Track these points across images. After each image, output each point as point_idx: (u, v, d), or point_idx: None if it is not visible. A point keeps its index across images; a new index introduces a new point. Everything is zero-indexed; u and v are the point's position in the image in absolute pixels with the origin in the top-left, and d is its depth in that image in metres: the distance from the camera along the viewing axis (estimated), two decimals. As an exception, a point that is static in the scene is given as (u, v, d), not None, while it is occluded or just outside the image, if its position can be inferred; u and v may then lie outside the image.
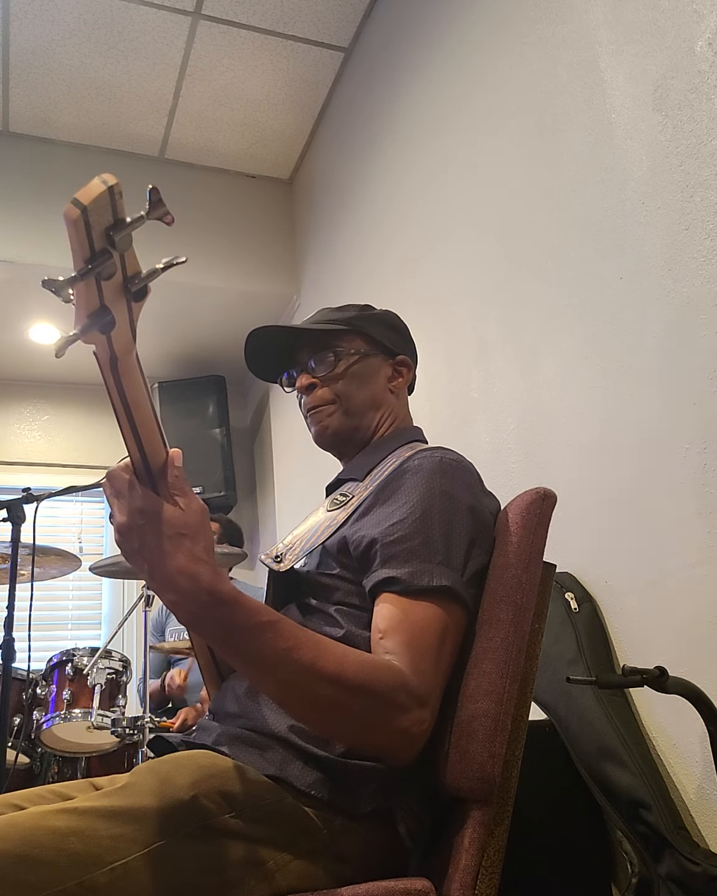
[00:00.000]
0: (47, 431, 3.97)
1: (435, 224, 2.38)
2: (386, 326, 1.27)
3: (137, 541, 0.76)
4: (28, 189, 3.23)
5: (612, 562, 1.57)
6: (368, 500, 1.06)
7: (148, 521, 0.76)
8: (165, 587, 0.77)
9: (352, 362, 1.20)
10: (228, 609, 0.78)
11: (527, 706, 0.96)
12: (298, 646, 0.80)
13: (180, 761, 0.87)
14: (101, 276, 0.59)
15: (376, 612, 0.93)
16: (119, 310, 0.63)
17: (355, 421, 1.20)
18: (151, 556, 0.76)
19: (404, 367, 1.26)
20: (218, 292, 3.43)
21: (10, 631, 1.98)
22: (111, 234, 0.57)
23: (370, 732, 0.84)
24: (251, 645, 0.79)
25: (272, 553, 1.10)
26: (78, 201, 0.55)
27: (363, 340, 1.23)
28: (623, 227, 1.58)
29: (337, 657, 0.82)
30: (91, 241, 0.57)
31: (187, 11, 2.83)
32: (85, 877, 0.71)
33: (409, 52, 2.59)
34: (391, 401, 1.24)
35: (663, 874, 1.28)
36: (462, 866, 0.87)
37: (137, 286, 0.62)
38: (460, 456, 1.08)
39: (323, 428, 1.20)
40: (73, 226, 0.56)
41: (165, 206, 0.58)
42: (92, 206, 0.55)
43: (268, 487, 3.86)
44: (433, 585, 0.92)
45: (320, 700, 0.81)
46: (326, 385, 1.20)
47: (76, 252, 0.58)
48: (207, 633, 0.81)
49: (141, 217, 0.58)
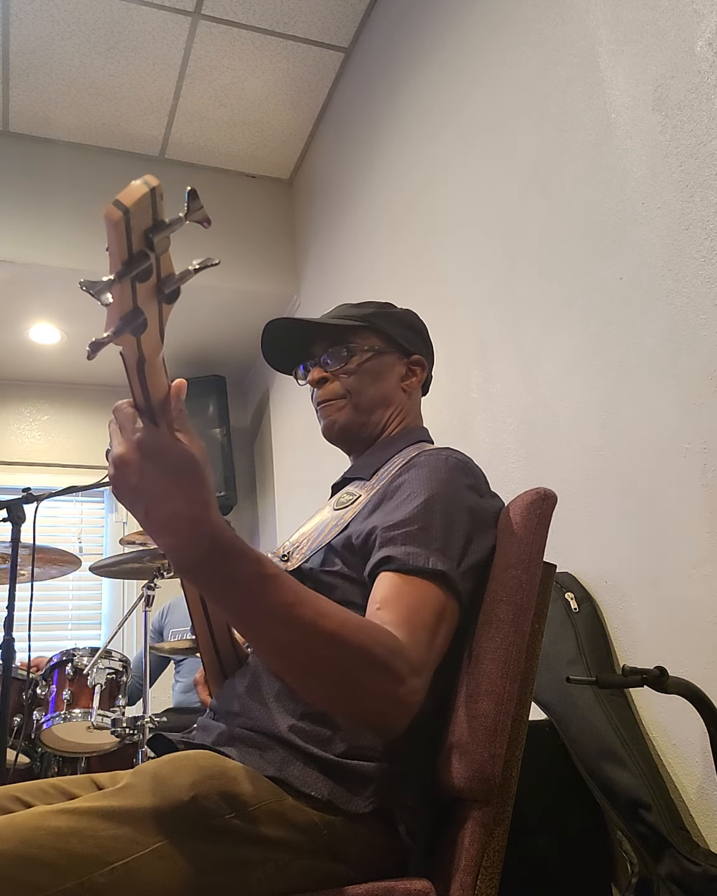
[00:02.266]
0: (47, 431, 3.97)
1: (435, 224, 2.38)
2: (404, 325, 1.27)
3: (134, 476, 0.69)
4: (28, 189, 3.23)
5: (612, 562, 1.57)
6: (374, 498, 1.06)
7: (147, 456, 0.69)
8: (163, 530, 0.71)
9: (365, 358, 1.21)
10: (230, 558, 0.73)
11: (527, 706, 0.96)
12: (300, 602, 0.77)
13: (180, 762, 0.87)
14: (138, 279, 0.58)
15: (374, 586, 0.93)
16: (151, 312, 0.61)
17: (364, 417, 1.21)
18: (148, 495, 0.70)
19: (418, 366, 1.27)
20: (218, 292, 3.43)
21: (10, 631, 1.97)
22: (150, 237, 0.57)
23: (364, 698, 0.81)
24: (249, 597, 0.75)
25: (279, 552, 1.11)
26: (120, 203, 0.54)
27: (379, 338, 1.23)
28: (623, 227, 1.58)
29: (338, 618, 0.79)
30: (130, 243, 0.56)
31: (187, 11, 2.83)
32: (85, 877, 0.71)
33: (409, 52, 2.59)
34: (402, 399, 1.24)
35: (663, 874, 1.28)
36: (462, 866, 0.87)
37: (170, 288, 0.61)
38: (467, 457, 1.09)
39: (331, 422, 1.21)
40: (113, 228, 0.55)
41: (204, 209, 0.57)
42: (134, 207, 0.55)
43: (268, 487, 3.86)
44: (429, 567, 0.91)
45: (317, 660, 0.79)
46: (337, 379, 1.21)
47: (114, 253, 0.57)
48: (203, 583, 0.76)
49: (180, 219, 0.57)
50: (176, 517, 0.70)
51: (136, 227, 0.56)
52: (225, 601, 0.77)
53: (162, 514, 0.70)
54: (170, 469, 0.69)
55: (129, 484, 0.70)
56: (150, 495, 0.70)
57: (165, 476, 0.69)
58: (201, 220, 0.58)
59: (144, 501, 0.70)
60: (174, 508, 0.69)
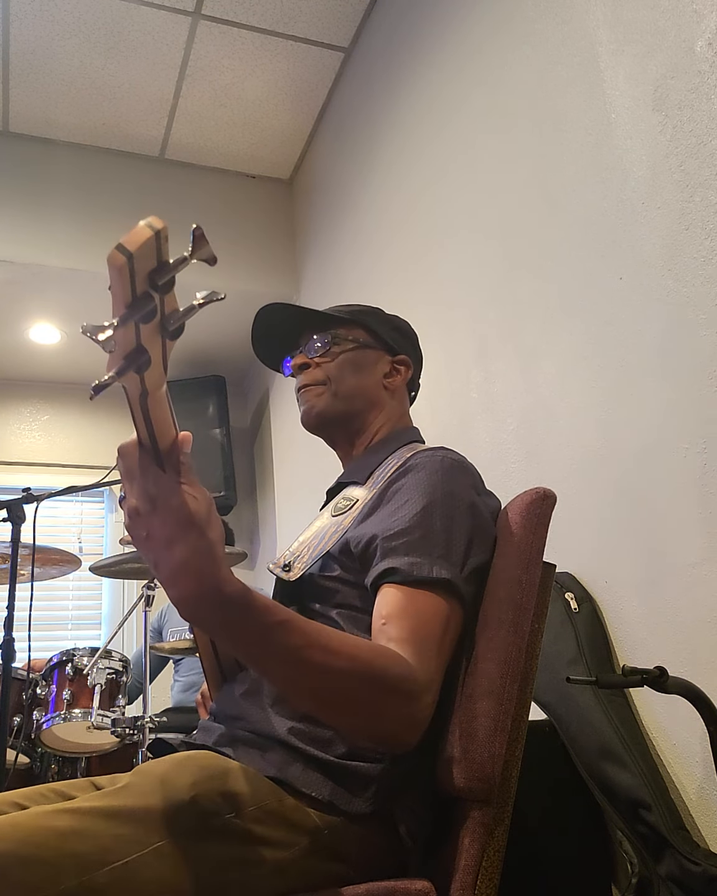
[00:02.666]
0: (47, 431, 3.97)
1: (435, 224, 2.38)
2: (391, 327, 1.28)
3: (144, 528, 0.72)
4: (28, 189, 3.23)
5: (612, 562, 1.57)
6: (371, 502, 1.06)
7: (157, 509, 0.71)
8: (170, 582, 0.73)
9: (348, 348, 1.22)
10: (237, 610, 0.75)
11: (527, 706, 0.96)
12: (309, 644, 0.79)
13: (181, 762, 0.87)
14: (142, 321, 0.58)
15: (378, 600, 0.93)
16: (154, 349, 0.61)
17: (343, 405, 1.20)
18: (157, 548, 0.72)
19: (402, 365, 1.27)
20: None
21: (10, 631, 1.97)
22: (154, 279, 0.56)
23: (378, 721, 0.84)
24: (261, 646, 0.78)
25: (280, 562, 1.10)
26: (124, 248, 0.54)
27: (365, 333, 1.24)
28: (623, 227, 1.58)
29: (348, 654, 0.81)
30: (134, 286, 0.56)
31: (187, 11, 2.83)
32: (85, 877, 0.71)
33: (409, 52, 2.59)
34: (385, 398, 1.24)
35: (663, 874, 1.28)
36: (462, 866, 0.87)
37: (174, 325, 0.60)
38: (462, 456, 1.09)
39: (310, 408, 1.21)
40: (117, 272, 0.55)
41: (209, 246, 0.56)
42: (138, 252, 0.54)
43: (268, 487, 3.86)
44: (433, 577, 0.92)
45: (331, 695, 0.81)
46: (318, 367, 1.21)
47: (118, 297, 0.57)
48: (213, 633, 0.81)
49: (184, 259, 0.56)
50: (181, 569, 0.71)
51: (139, 271, 0.56)
52: (236, 649, 0.80)
53: (168, 566, 0.72)
54: (176, 522, 0.71)
55: (140, 535, 0.73)
56: (157, 547, 0.72)
57: (171, 528, 0.71)
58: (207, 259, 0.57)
59: (154, 553, 0.73)
60: (180, 562, 0.71)
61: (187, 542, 0.71)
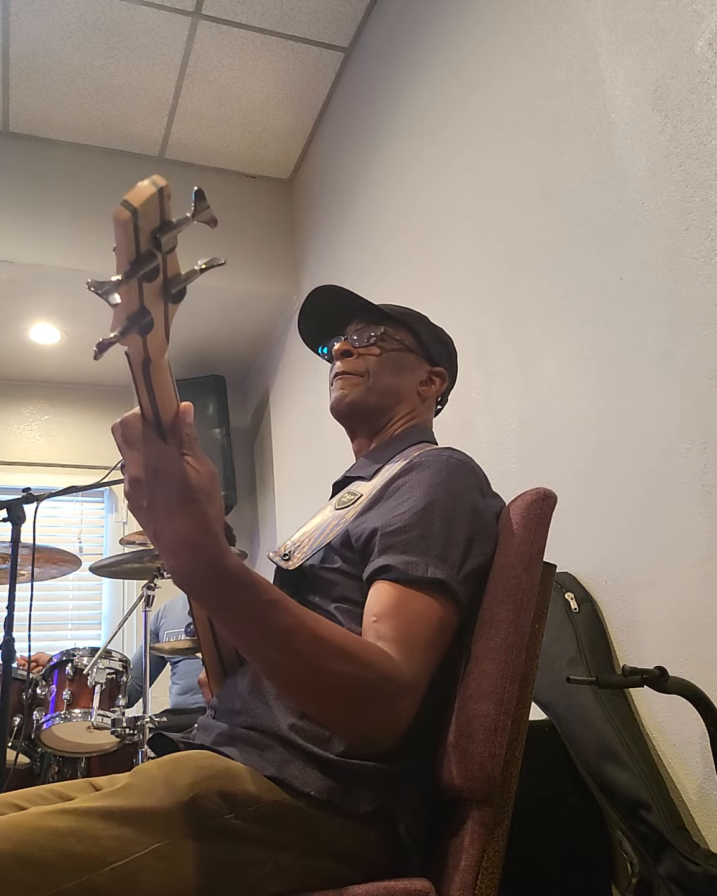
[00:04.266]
0: (47, 431, 3.97)
1: (435, 224, 2.38)
2: (436, 338, 1.31)
3: (145, 497, 0.72)
4: (28, 189, 3.23)
5: (612, 562, 1.57)
6: (373, 496, 1.06)
7: (159, 479, 0.71)
8: (168, 551, 0.73)
9: (393, 348, 1.24)
10: (231, 583, 0.76)
11: (527, 706, 0.96)
12: (299, 626, 0.80)
13: (180, 762, 0.87)
14: (145, 279, 0.58)
15: (371, 595, 0.94)
16: (157, 312, 0.62)
17: (375, 400, 1.22)
18: (157, 518, 0.72)
19: (438, 377, 1.29)
20: (218, 292, 3.43)
21: (10, 631, 1.97)
22: (157, 237, 0.57)
23: (357, 718, 0.85)
24: (251, 622, 0.78)
25: (281, 551, 1.11)
26: (128, 203, 0.55)
27: (411, 337, 1.26)
28: (623, 227, 1.58)
29: (334, 643, 0.82)
30: (138, 242, 0.56)
31: (187, 11, 2.83)
32: (85, 877, 0.71)
33: (409, 52, 2.59)
34: (416, 401, 1.25)
35: (663, 874, 1.28)
36: (462, 866, 0.87)
37: (176, 288, 0.61)
38: (468, 457, 1.09)
39: (342, 395, 1.22)
40: (122, 228, 0.55)
41: (210, 209, 0.58)
42: (142, 208, 0.55)
43: (268, 487, 3.86)
44: (427, 577, 0.92)
45: (312, 683, 0.81)
46: (361, 357, 1.23)
47: (122, 253, 0.57)
48: (205, 604, 0.80)
49: (187, 219, 0.57)
50: (181, 541, 0.72)
51: (143, 228, 0.56)
52: (226, 623, 0.80)
53: (168, 537, 0.72)
54: (177, 493, 0.71)
55: (140, 504, 0.73)
56: (158, 517, 0.72)
57: (173, 500, 0.71)
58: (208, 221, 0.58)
59: (153, 522, 0.73)
60: (180, 532, 0.72)
61: (189, 513, 0.72)
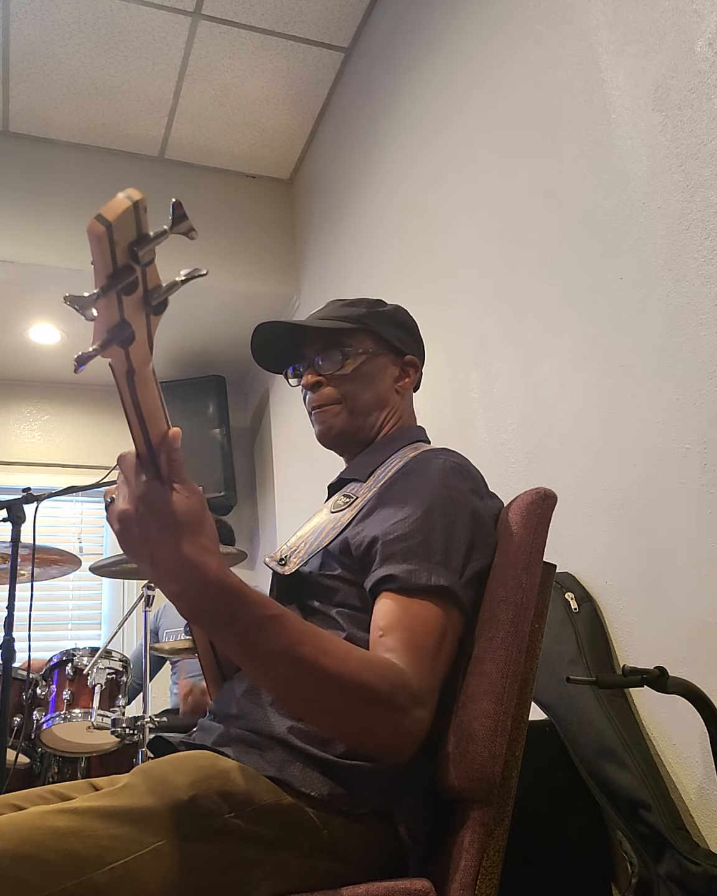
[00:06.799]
0: (47, 431, 3.97)
1: (435, 224, 2.38)
2: (396, 325, 1.25)
3: (137, 529, 0.73)
4: (28, 189, 3.23)
5: (612, 562, 1.56)
6: (371, 501, 1.06)
7: (149, 509, 0.72)
8: (168, 578, 0.74)
9: (360, 362, 1.19)
10: (233, 601, 0.76)
11: (527, 706, 0.96)
12: (302, 641, 0.79)
13: (180, 761, 0.87)
14: (123, 292, 0.59)
15: (376, 609, 0.93)
16: (138, 323, 0.62)
17: (360, 421, 1.19)
18: (152, 546, 0.73)
19: (411, 367, 1.26)
20: (218, 292, 3.43)
21: (10, 631, 1.97)
22: (134, 250, 0.57)
23: (369, 731, 0.84)
24: (254, 639, 0.78)
25: (276, 556, 1.10)
26: (103, 217, 0.55)
27: (372, 339, 1.21)
28: (623, 227, 1.58)
29: (340, 655, 0.81)
30: (114, 256, 0.57)
31: (187, 11, 2.83)
32: (84, 877, 0.71)
33: (409, 52, 2.59)
34: (396, 400, 1.23)
35: (663, 874, 1.28)
36: (462, 866, 0.87)
37: (156, 300, 0.61)
38: (465, 459, 1.08)
39: (327, 428, 1.19)
40: (97, 242, 0.55)
41: (189, 220, 0.58)
42: (117, 222, 0.55)
43: (268, 487, 3.86)
44: (431, 584, 0.91)
45: (321, 698, 0.81)
46: (332, 384, 1.19)
47: (99, 268, 0.57)
48: (209, 626, 0.79)
49: (164, 232, 0.57)
50: (181, 563, 0.73)
51: (119, 241, 0.56)
52: (229, 641, 0.80)
53: (166, 564, 0.73)
54: (171, 520, 0.72)
55: (133, 536, 0.74)
56: (153, 547, 0.73)
57: (167, 525, 0.72)
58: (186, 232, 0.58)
59: (149, 550, 0.74)
60: (179, 555, 0.73)
61: (184, 537, 0.73)
